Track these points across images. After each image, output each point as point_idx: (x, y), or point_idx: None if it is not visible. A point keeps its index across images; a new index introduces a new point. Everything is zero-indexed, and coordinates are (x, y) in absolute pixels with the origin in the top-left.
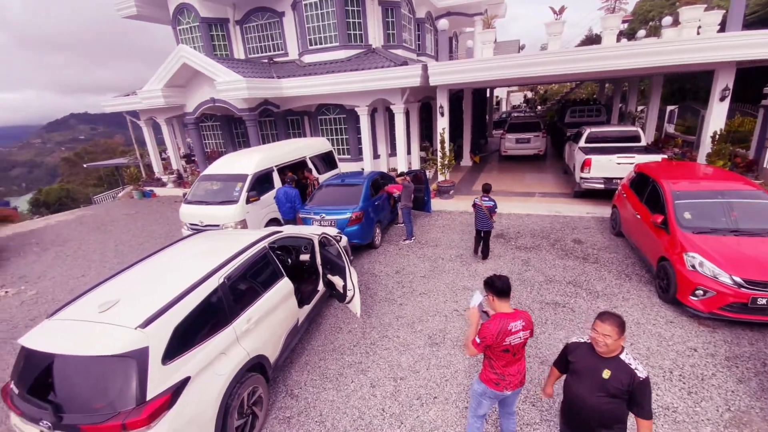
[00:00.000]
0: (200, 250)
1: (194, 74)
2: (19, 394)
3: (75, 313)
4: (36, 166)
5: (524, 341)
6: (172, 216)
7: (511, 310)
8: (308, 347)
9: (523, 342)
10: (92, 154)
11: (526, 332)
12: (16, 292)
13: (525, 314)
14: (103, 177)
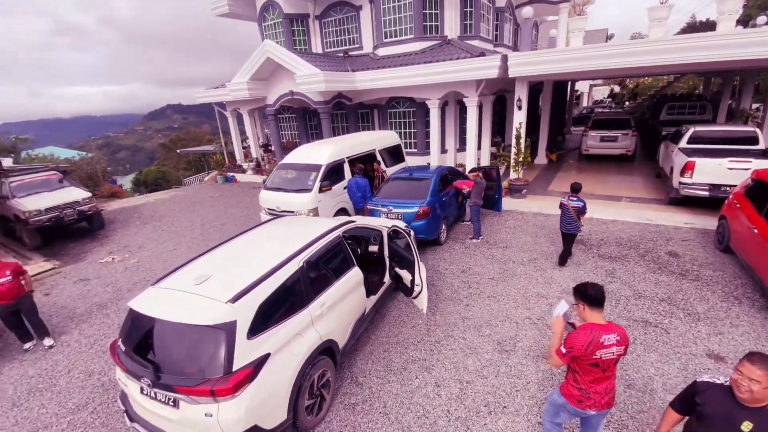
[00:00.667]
0: (281, 234)
1: (276, 68)
2: (125, 352)
3: (174, 283)
4: (138, 150)
5: (617, 358)
6: (250, 200)
7: (604, 322)
8: (372, 337)
9: (616, 358)
10: (184, 141)
11: (621, 348)
12: (121, 259)
13: (620, 329)
14: (192, 162)
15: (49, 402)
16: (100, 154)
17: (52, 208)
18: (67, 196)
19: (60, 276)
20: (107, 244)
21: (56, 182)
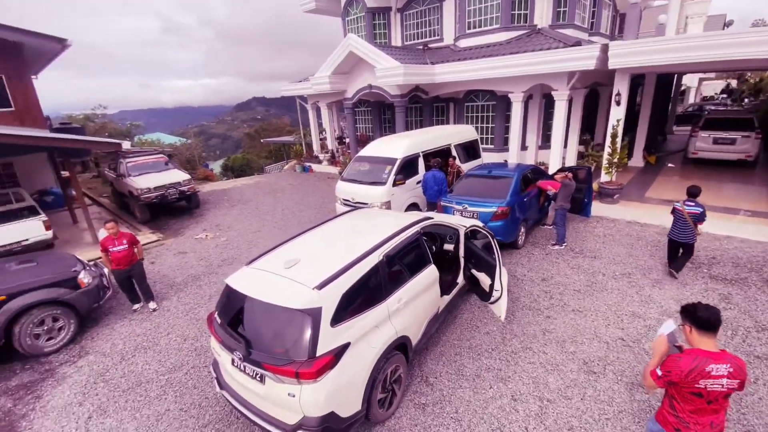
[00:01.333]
0: (361, 226)
1: (357, 62)
2: (220, 324)
3: (266, 264)
4: (227, 138)
5: (728, 391)
6: (325, 190)
7: (716, 349)
8: (443, 338)
9: (727, 392)
10: (266, 131)
11: (734, 382)
12: (213, 236)
13: (737, 360)
14: (273, 151)
15: (151, 359)
16: (197, 141)
17: (159, 187)
18: (171, 177)
19: (163, 248)
20: (202, 222)
21: (163, 164)
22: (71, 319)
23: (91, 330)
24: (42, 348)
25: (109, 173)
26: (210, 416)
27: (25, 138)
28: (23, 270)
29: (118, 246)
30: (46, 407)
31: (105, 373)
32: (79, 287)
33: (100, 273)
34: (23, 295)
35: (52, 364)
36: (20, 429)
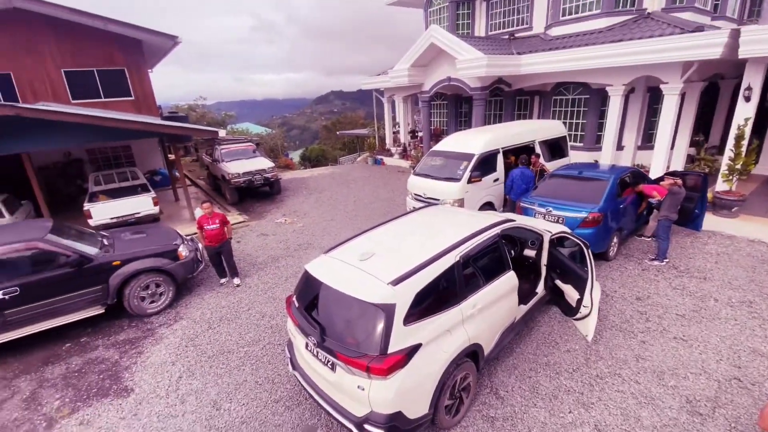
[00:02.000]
0: (437, 224)
1: (437, 54)
2: (297, 308)
3: (343, 255)
4: (305, 130)
5: None
6: (395, 183)
7: None
8: (517, 350)
9: None
10: (342, 124)
11: None
12: (291, 222)
13: None
14: (347, 143)
15: (233, 331)
16: (280, 131)
17: (247, 172)
18: (257, 164)
19: (248, 228)
20: (282, 208)
21: (251, 152)
22: (170, 286)
23: (185, 298)
24: (145, 309)
25: (206, 158)
26: (281, 393)
27: (143, 124)
28: (135, 240)
29: (211, 225)
30: (146, 363)
31: (195, 339)
32: (178, 259)
33: (195, 248)
34: (134, 262)
35: (153, 325)
36: (123, 379)
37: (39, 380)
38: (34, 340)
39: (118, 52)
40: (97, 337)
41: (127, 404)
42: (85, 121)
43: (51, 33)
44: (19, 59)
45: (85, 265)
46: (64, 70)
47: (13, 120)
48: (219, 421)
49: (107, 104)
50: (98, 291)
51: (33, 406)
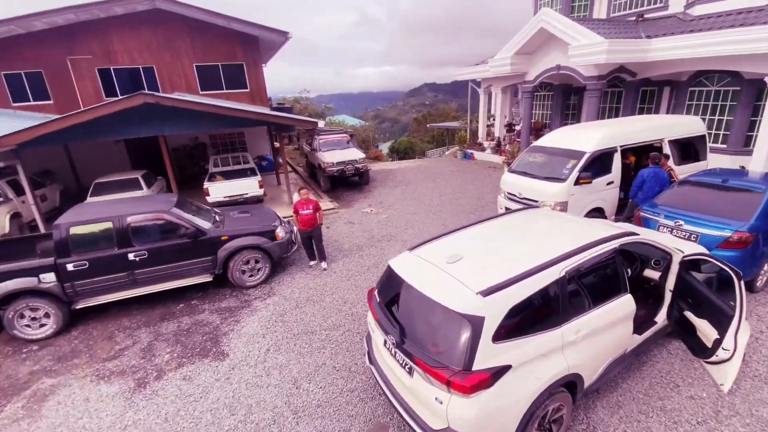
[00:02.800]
0: (538, 230)
1: (545, 40)
2: (378, 303)
3: (428, 254)
4: (396, 122)
5: None
6: (484, 179)
7: None
8: (624, 386)
9: None
10: (432, 116)
11: None
12: (377, 212)
13: None
14: (435, 136)
15: (317, 313)
16: (372, 124)
17: (340, 162)
18: (350, 154)
19: (336, 215)
20: (368, 198)
21: (345, 143)
22: (267, 263)
23: (279, 275)
24: (245, 282)
25: (305, 147)
26: (357, 383)
27: (256, 114)
28: (241, 218)
29: (305, 210)
30: (241, 331)
31: (283, 315)
32: (275, 239)
33: (291, 230)
34: (239, 239)
35: (249, 297)
36: (222, 343)
37: (156, 334)
38: (155, 299)
39: (238, 49)
40: (205, 301)
41: (222, 367)
42: (211, 110)
43: (186, 32)
44: (161, 55)
45: (199, 237)
46: (195, 65)
47: (154, 107)
48: (297, 400)
49: (228, 95)
50: (208, 261)
51: (148, 357)
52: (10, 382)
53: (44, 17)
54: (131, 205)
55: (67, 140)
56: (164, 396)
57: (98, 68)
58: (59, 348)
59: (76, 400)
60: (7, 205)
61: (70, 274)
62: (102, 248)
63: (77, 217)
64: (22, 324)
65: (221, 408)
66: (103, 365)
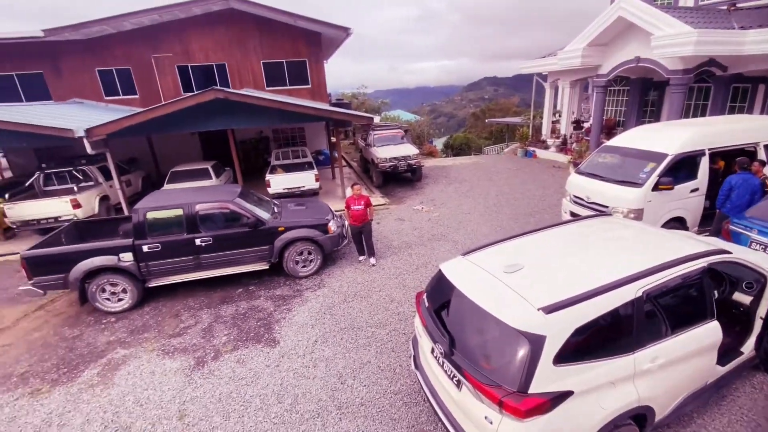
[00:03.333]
0: (611, 241)
1: (623, 30)
2: (427, 308)
3: (484, 261)
4: (452, 118)
5: None
6: (547, 180)
7: None
8: (699, 422)
9: None
10: (492, 111)
11: None
12: (428, 210)
13: None
14: (494, 132)
15: (364, 309)
16: (427, 119)
17: (393, 158)
18: (403, 150)
19: (387, 212)
20: (420, 195)
21: (399, 138)
22: (319, 255)
23: (329, 268)
24: (298, 272)
25: (360, 142)
26: (401, 385)
27: (316, 110)
28: (297, 211)
29: (357, 205)
30: (292, 320)
31: (332, 308)
32: (327, 233)
33: (342, 224)
34: (294, 230)
35: (301, 287)
36: (274, 330)
37: (215, 316)
38: (216, 282)
39: (302, 45)
40: (260, 288)
41: (272, 354)
42: (275, 105)
43: (256, 30)
44: (232, 52)
45: (259, 227)
46: (262, 62)
47: (224, 102)
48: (341, 395)
49: (291, 91)
50: (265, 250)
51: (207, 337)
52: (89, 350)
53: (132, 18)
54: (199, 194)
55: (149, 131)
56: (219, 376)
57: (177, 65)
58: (132, 321)
59: (144, 372)
60: (97, 188)
61: (145, 255)
62: (173, 233)
63: (153, 202)
64: (103, 297)
65: (270, 395)
66: (169, 341)
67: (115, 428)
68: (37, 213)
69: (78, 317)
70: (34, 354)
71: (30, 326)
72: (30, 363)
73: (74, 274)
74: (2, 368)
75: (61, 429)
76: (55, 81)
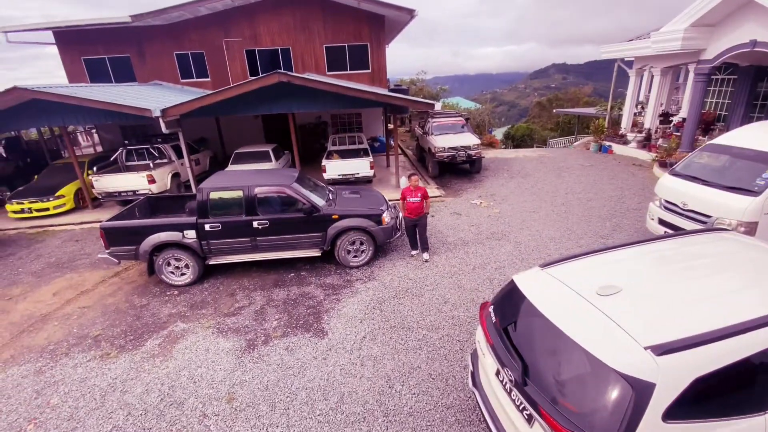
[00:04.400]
0: (736, 265)
1: (737, 8)
2: (494, 323)
3: (569, 277)
4: (513, 107)
5: None
6: (627, 180)
7: None
8: None
9: None
10: (560, 101)
11: None
12: (487, 205)
13: None
14: (560, 123)
15: (415, 308)
16: (489, 107)
17: (452, 147)
18: (463, 140)
19: (442, 204)
20: (479, 188)
21: (459, 127)
22: (371, 246)
23: (380, 260)
24: (349, 262)
25: (417, 129)
26: (454, 399)
27: (375, 95)
28: (352, 199)
29: (413, 197)
30: (341, 311)
31: (382, 303)
32: (381, 223)
33: (396, 215)
34: (348, 219)
35: (352, 277)
36: (322, 320)
37: (268, 298)
38: (271, 265)
39: (365, 29)
40: (312, 274)
41: (320, 346)
42: (335, 90)
43: (320, 12)
44: (297, 36)
45: (313, 213)
46: (325, 46)
47: (286, 86)
48: (389, 401)
49: (350, 76)
50: (318, 237)
51: (259, 320)
52: (153, 320)
53: (207, 3)
54: (259, 177)
55: (217, 113)
56: (268, 362)
57: (246, 49)
58: (192, 296)
59: (199, 348)
60: (169, 165)
61: (207, 234)
62: (233, 213)
63: (216, 183)
64: (168, 270)
65: (315, 389)
66: (223, 320)
67: (170, 402)
68: (118, 186)
69: (146, 287)
70: (107, 318)
71: (106, 291)
72: (103, 327)
73: (144, 247)
74: (80, 329)
75: (123, 395)
76: (139, 64)
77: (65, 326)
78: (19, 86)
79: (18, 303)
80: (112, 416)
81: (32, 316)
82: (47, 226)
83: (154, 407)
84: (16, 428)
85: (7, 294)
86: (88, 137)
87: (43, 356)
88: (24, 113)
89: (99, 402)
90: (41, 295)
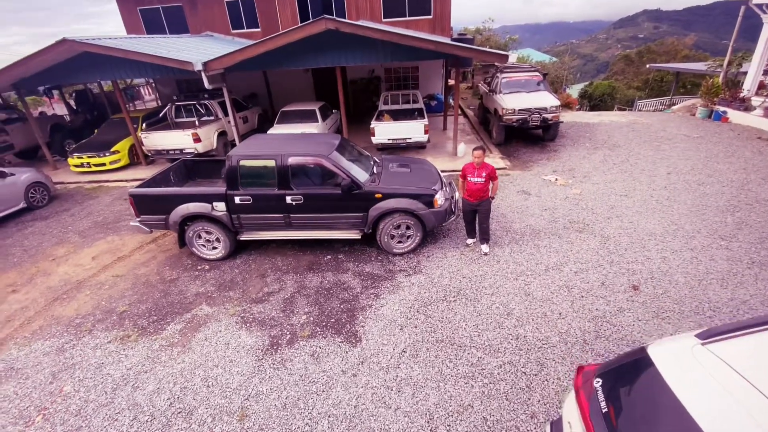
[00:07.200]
0: None
1: None
2: (601, 404)
3: (748, 365)
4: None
5: None
6: (750, 157)
7: None
8: None
9: None
10: (652, 54)
11: None
12: (564, 183)
13: None
14: (650, 82)
15: (469, 317)
16: (568, 60)
17: (524, 109)
18: (539, 100)
19: (507, 179)
20: (554, 160)
21: (535, 84)
22: (419, 231)
23: (429, 247)
24: (392, 248)
25: (482, 86)
26: None
27: (436, 44)
28: (400, 174)
29: (476, 177)
30: (379, 311)
31: (428, 305)
32: (432, 206)
33: (452, 195)
34: (393, 199)
35: (394, 267)
36: (357, 320)
37: (300, 285)
38: (307, 244)
39: None
40: (350, 258)
41: (351, 356)
42: (389, 38)
43: None
44: None
45: (354, 190)
46: None
47: (335, 35)
48: None
49: (409, 23)
50: (359, 218)
51: (287, 312)
52: (180, 298)
53: None
54: (295, 143)
55: (261, 66)
56: (290, 371)
57: None
58: (222, 274)
59: (219, 342)
60: (216, 123)
61: (237, 207)
62: (264, 185)
63: (247, 150)
64: (199, 243)
65: (340, 419)
66: (250, 307)
67: (179, 409)
68: (165, 144)
69: (179, 258)
70: (136, 292)
71: (140, 259)
72: (130, 301)
73: (173, 218)
74: (108, 302)
75: (134, 391)
76: (191, 14)
77: (95, 297)
78: (68, 38)
79: (60, 265)
80: (118, 418)
81: (69, 281)
82: (103, 181)
83: (162, 413)
84: (26, 418)
85: (52, 254)
86: (152, 91)
87: (68, 331)
88: (79, 66)
89: (109, 397)
90: (81, 258)
